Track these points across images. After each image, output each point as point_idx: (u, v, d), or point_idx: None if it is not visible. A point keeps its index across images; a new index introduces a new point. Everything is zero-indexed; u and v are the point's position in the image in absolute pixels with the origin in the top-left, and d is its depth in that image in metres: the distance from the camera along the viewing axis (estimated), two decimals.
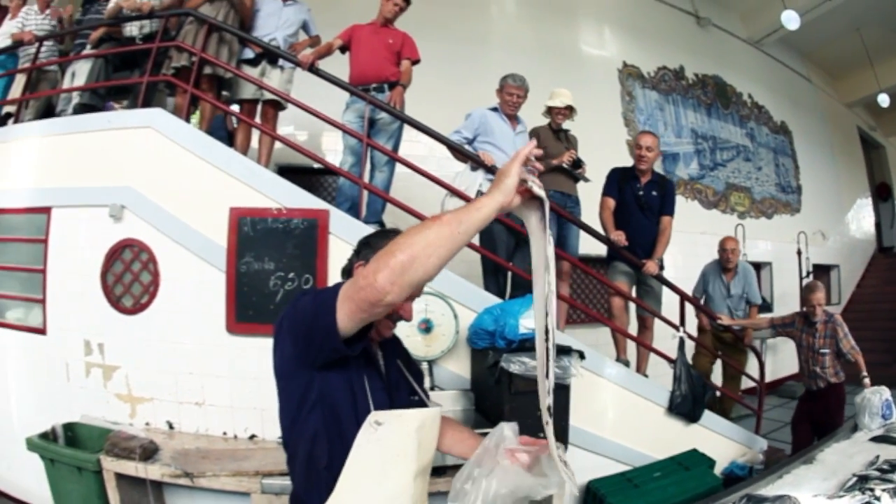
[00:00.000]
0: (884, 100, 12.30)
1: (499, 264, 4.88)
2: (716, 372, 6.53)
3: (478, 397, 4.28)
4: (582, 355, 4.08)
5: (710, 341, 6.48)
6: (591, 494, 4.27)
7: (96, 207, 4.60)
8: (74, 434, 4.24)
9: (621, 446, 4.65)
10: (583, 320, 7.23)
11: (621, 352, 5.34)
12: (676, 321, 5.35)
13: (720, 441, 5.12)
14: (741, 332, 6.18)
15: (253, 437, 4.30)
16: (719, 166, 10.66)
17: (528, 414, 3.73)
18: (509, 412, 3.74)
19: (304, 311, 1.62)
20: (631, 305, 5.61)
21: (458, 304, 4.33)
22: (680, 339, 5.20)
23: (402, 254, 1.35)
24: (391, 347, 2.02)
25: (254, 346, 4.24)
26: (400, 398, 1.90)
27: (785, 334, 5.57)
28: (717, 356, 6.31)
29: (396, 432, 1.68)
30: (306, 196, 4.44)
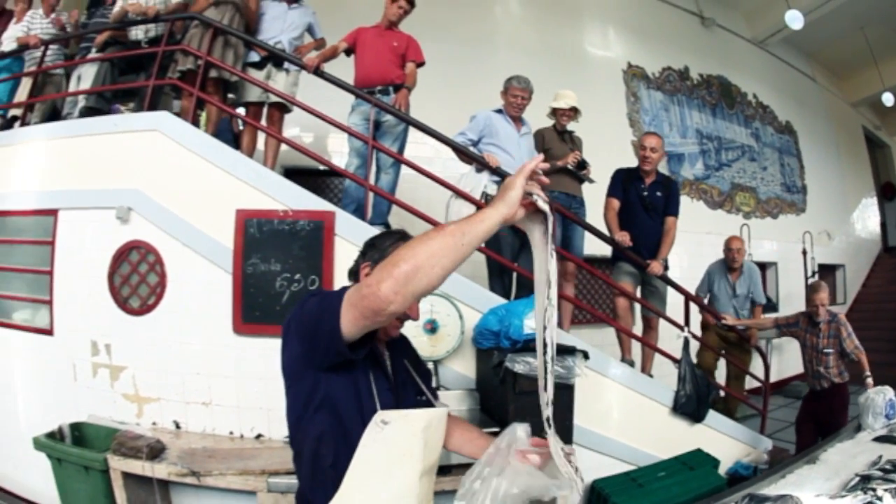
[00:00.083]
0: (888, 99, 12.28)
1: (504, 265, 4.89)
2: (720, 370, 6.52)
3: (483, 397, 4.30)
4: (586, 355, 4.10)
5: (714, 340, 6.48)
6: (595, 494, 4.25)
7: (103, 210, 4.62)
8: (81, 434, 4.26)
9: (626, 446, 4.66)
10: (588, 321, 7.24)
11: (626, 352, 5.34)
12: (681, 321, 5.36)
13: (725, 441, 5.12)
14: (745, 332, 6.18)
15: (259, 436, 4.31)
16: (724, 166, 10.64)
17: (532, 413, 3.73)
18: (514, 411, 3.76)
19: (311, 314, 1.63)
20: (636, 306, 5.62)
21: (463, 304, 4.35)
22: (684, 339, 5.21)
23: (405, 264, 1.36)
24: (399, 347, 2.03)
25: (260, 346, 4.27)
26: (406, 398, 1.91)
27: (789, 334, 5.56)
28: (721, 355, 6.30)
29: (402, 432, 1.69)
30: (312, 198, 4.45)
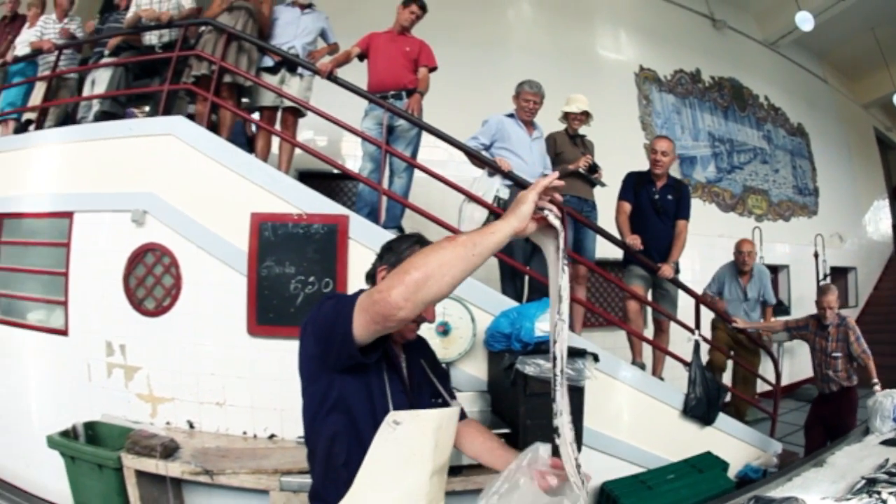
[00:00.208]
0: None
1: (516, 269, 4.90)
2: (729, 370, 6.52)
3: (494, 399, 4.33)
4: (596, 358, 4.13)
5: (725, 338, 6.45)
6: (604, 496, 4.27)
7: (118, 213, 4.67)
8: (95, 432, 4.31)
9: (636, 448, 4.66)
10: (600, 324, 7.23)
11: (637, 355, 5.34)
12: (692, 324, 5.35)
13: (734, 444, 5.10)
14: (755, 334, 6.17)
15: (272, 436, 4.35)
16: (736, 169, 10.61)
17: (542, 415, 3.78)
18: (524, 413, 3.81)
19: (326, 317, 1.66)
20: (647, 309, 5.62)
21: (475, 307, 4.37)
22: (695, 342, 5.20)
23: (417, 272, 1.39)
24: (416, 349, 2.05)
25: (274, 347, 4.30)
26: (421, 400, 1.93)
27: (799, 337, 5.56)
28: (730, 356, 6.29)
29: (414, 432, 1.72)
30: (326, 202, 4.49)
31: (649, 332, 5.63)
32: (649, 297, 5.49)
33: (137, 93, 5.81)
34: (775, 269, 10.60)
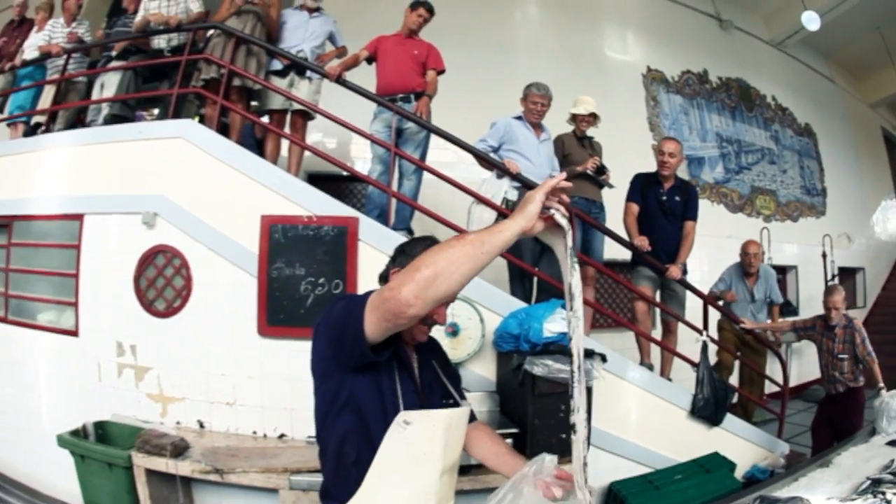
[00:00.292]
0: None
1: (525, 270, 4.93)
2: (736, 370, 6.51)
3: (502, 399, 4.34)
4: (604, 358, 4.14)
5: (732, 339, 6.44)
6: (612, 496, 4.28)
7: (129, 215, 4.70)
8: (105, 432, 4.35)
9: (643, 448, 4.66)
10: (608, 324, 7.23)
11: (645, 355, 5.35)
12: (700, 325, 5.35)
13: (742, 444, 5.09)
14: (763, 335, 6.16)
15: (282, 436, 4.37)
16: (744, 170, 10.56)
17: (550, 415, 3.82)
18: (533, 413, 3.81)
19: (337, 317, 1.69)
20: (655, 310, 5.62)
21: (484, 308, 4.39)
22: (703, 342, 5.20)
23: (426, 269, 1.42)
24: (428, 351, 2.08)
25: (284, 348, 4.33)
26: (432, 401, 1.95)
27: (807, 337, 5.55)
28: (737, 357, 6.28)
29: (424, 432, 1.73)
30: (336, 204, 4.51)
31: (657, 333, 5.63)
32: (657, 298, 5.49)
33: (147, 96, 5.84)
34: (783, 270, 10.56)
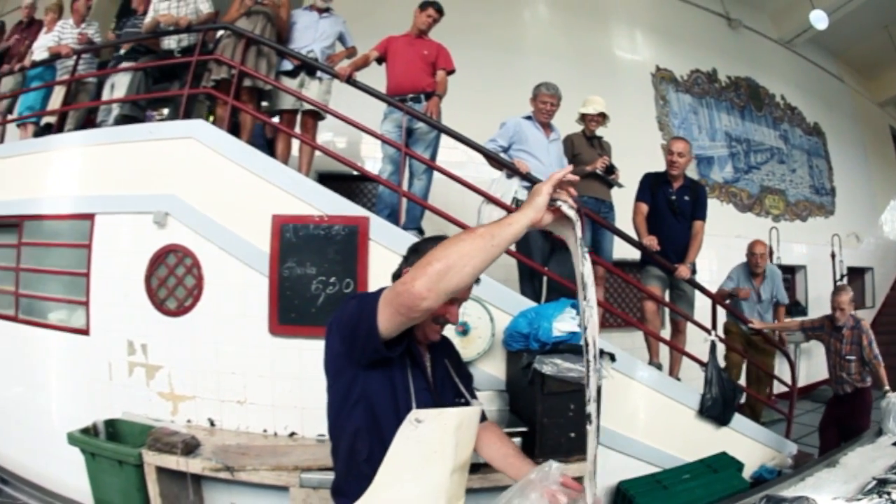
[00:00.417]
0: None
1: (534, 269, 4.94)
2: (742, 371, 6.49)
3: (512, 398, 4.35)
4: (613, 357, 4.17)
5: (740, 341, 6.42)
6: (620, 495, 4.29)
7: (140, 214, 4.73)
8: (115, 430, 4.39)
9: (652, 448, 4.66)
10: (618, 324, 7.22)
11: (654, 355, 5.36)
12: (708, 325, 5.36)
13: (750, 444, 5.09)
14: (771, 335, 6.14)
15: (293, 434, 4.40)
16: (753, 169, 10.53)
17: (559, 414, 3.85)
18: (542, 412, 3.83)
19: (351, 315, 1.71)
20: (664, 309, 5.62)
21: (494, 307, 4.40)
22: (711, 342, 5.19)
23: (438, 263, 1.44)
24: (440, 350, 2.09)
25: (295, 347, 4.36)
26: (445, 399, 1.97)
27: (815, 337, 5.55)
28: (744, 356, 6.27)
29: (435, 430, 1.75)
30: (347, 204, 4.53)
31: (666, 333, 5.63)
32: (666, 297, 5.49)
33: (157, 97, 5.87)
34: (793, 270, 10.55)
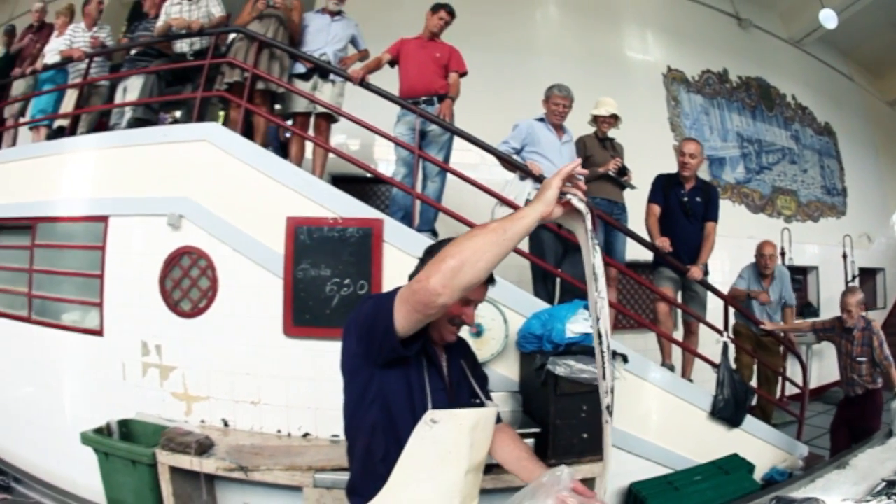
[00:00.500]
0: None
1: (548, 271, 4.95)
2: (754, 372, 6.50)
3: (525, 399, 4.37)
4: (625, 358, 4.19)
5: (750, 343, 6.39)
6: (632, 496, 4.29)
7: (154, 217, 4.76)
8: (128, 430, 4.42)
9: (663, 449, 4.64)
10: (631, 325, 7.21)
11: (667, 356, 5.34)
12: (721, 326, 5.35)
13: (761, 446, 5.07)
14: (783, 336, 6.13)
15: (306, 435, 4.42)
16: (765, 169, 10.48)
17: (572, 415, 3.87)
18: (555, 413, 3.85)
19: (367, 314, 1.74)
20: (677, 311, 5.61)
21: (508, 309, 4.41)
22: (723, 343, 5.19)
23: (452, 259, 1.46)
24: (457, 351, 2.11)
25: (310, 348, 4.38)
26: (460, 399, 2.00)
27: (826, 339, 5.54)
28: (753, 355, 6.25)
29: (451, 431, 1.77)
30: (361, 206, 4.55)
31: (679, 334, 5.63)
32: (679, 298, 5.48)
33: (171, 100, 5.90)
34: (804, 271, 10.50)
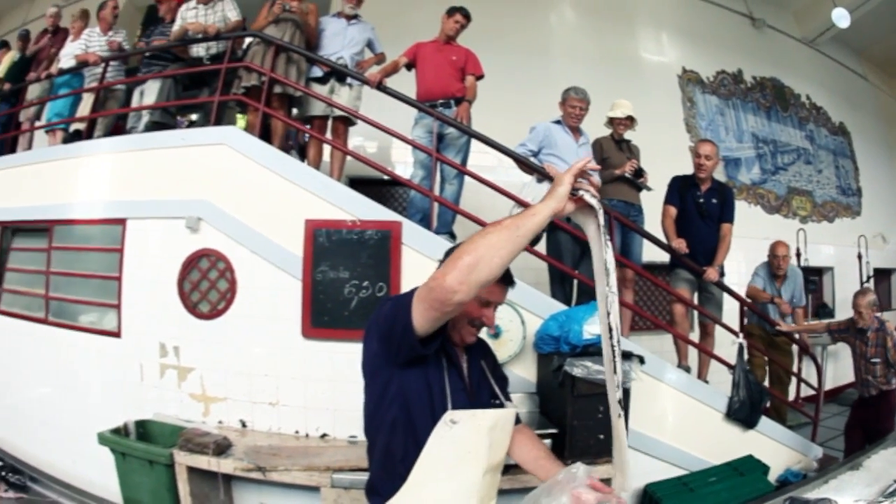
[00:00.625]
0: None
1: (565, 272, 4.96)
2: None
3: (542, 400, 4.38)
4: (642, 360, 4.18)
5: (762, 343, 6.35)
6: (647, 497, 4.30)
7: (172, 219, 4.81)
8: (145, 430, 4.46)
9: (679, 450, 4.64)
10: (647, 327, 7.22)
11: (683, 358, 5.34)
12: (737, 328, 5.34)
13: (776, 448, 5.05)
14: (797, 337, 6.12)
15: (324, 435, 4.44)
16: (780, 170, 10.43)
17: (589, 416, 3.88)
18: (572, 414, 3.86)
19: (387, 315, 1.77)
20: (693, 312, 5.61)
21: (525, 310, 4.42)
22: (739, 345, 5.18)
23: (468, 256, 1.49)
24: (477, 352, 2.15)
25: (328, 349, 4.40)
26: (480, 400, 2.02)
27: (841, 339, 5.50)
28: (767, 356, 6.23)
29: (470, 431, 1.79)
30: (379, 209, 4.57)
31: (695, 336, 5.62)
32: (695, 300, 5.47)
33: (188, 103, 5.95)
34: (820, 272, 10.44)
